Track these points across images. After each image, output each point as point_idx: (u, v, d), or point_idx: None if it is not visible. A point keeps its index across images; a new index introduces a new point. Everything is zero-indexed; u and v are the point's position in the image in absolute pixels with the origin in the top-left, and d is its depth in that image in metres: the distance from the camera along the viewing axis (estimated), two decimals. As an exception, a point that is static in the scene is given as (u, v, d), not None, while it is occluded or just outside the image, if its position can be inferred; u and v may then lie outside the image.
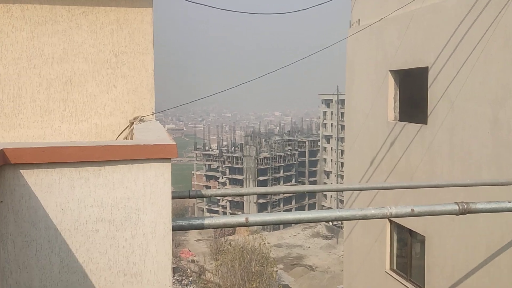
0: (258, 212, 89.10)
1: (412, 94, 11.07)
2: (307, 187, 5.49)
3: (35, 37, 5.13)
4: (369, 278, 12.15)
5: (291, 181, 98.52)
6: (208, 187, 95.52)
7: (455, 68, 8.93)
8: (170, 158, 3.10)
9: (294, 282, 53.74)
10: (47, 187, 2.96)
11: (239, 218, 3.57)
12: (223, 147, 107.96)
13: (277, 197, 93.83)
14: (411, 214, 3.91)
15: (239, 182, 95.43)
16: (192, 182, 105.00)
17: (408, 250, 10.69)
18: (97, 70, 5.22)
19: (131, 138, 4.66)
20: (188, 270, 58.22)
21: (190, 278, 55.30)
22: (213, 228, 3.59)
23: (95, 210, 3.02)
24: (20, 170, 2.91)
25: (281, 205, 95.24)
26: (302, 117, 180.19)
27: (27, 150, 2.94)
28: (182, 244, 70.78)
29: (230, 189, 5.14)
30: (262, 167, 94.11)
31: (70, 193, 2.97)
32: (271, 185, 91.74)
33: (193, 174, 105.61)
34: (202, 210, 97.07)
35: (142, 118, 4.93)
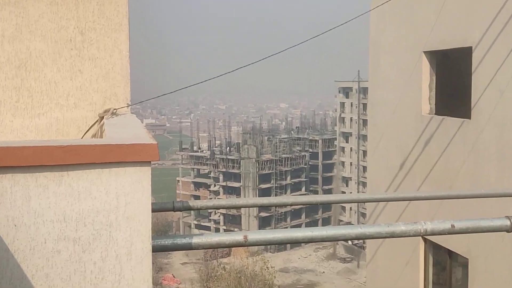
0: (259, 228, 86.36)
1: (452, 81, 10.94)
2: (321, 197, 5.39)
3: (-20, 10, 5.58)
4: (398, 311, 13.26)
5: (300, 190, 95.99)
6: (197, 198, 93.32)
7: (505, 49, 8.70)
8: (150, 161, 3.08)
9: (304, 316, 55.80)
10: (-5, 197, 3.22)
11: (236, 236, 3.54)
12: (216, 147, 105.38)
13: (283, 209, 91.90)
14: (451, 231, 3.86)
15: (235, 191, 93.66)
16: (177, 191, 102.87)
17: (447, 275, 10.43)
18: (58, 51, 5.08)
19: (101, 136, 4.63)
20: (172, 301, 60.95)
21: (175, 311, 58.01)
22: (203, 248, 3.56)
23: (56, 226, 2.96)
24: (-40, 177, 3.17)
25: (288, 219, 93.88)
26: (314, 109, 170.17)
27: (-31, 152, 3.17)
28: (165, 269, 70.68)
29: (224, 200, 5.16)
30: (264, 172, 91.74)
31: (24, 204, 2.92)
32: (276, 195, 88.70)
33: (178, 181, 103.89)
34: (190, 226, 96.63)
35: (114, 111, 4.87)
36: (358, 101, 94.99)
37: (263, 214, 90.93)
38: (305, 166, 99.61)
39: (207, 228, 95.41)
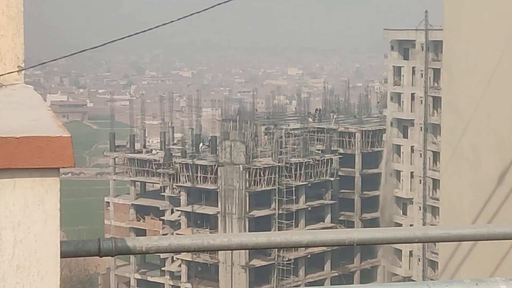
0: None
1: None
2: (359, 233, 4.69)
3: None
4: None
5: (323, 220, 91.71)
6: (142, 233, 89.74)
7: None
8: (59, 169, 2.88)
9: None
10: None
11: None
12: (174, 143, 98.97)
13: (293, 254, 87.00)
14: None
15: (209, 221, 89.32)
16: (107, 221, 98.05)
17: None
18: None
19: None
20: None
21: None
22: None
23: None
24: None
25: (301, 272, 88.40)
26: (347, 79, 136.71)
27: None
28: None
29: (189, 237, 4.53)
30: (259, 188, 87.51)
31: None
32: (280, 228, 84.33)
33: (109, 203, 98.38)
34: (128, 284, 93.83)
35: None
36: (426, 65, 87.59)
37: (257, 262, 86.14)
38: (332, 179, 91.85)
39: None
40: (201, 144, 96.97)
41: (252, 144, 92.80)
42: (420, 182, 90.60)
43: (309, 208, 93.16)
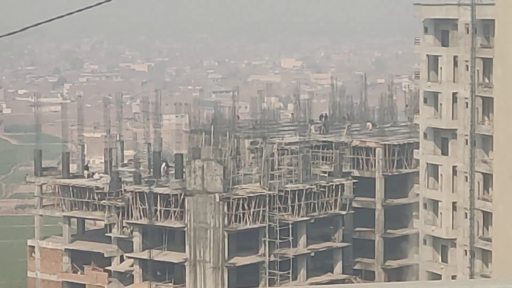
0: None
1: None
2: None
3: None
4: None
5: (331, 270, 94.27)
6: None
7: None
8: None
9: None
10: None
11: None
12: (125, 164, 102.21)
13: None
14: None
15: (173, 273, 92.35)
16: (30, 273, 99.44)
17: None
18: None
19: None
20: None
21: None
22: None
23: None
24: None
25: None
26: (363, 74, 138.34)
27: None
28: None
29: None
30: (242, 227, 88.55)
31: None
32: (270, 282, 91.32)
33: (34, 248, 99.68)
34: None
35: None
36: (472, 53, 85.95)
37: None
38: (343, 213, 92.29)
39: None
40: (165, 165, 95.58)
41: (233, 165, 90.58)
42: (466, 217, 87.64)
43: (312, 254, 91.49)
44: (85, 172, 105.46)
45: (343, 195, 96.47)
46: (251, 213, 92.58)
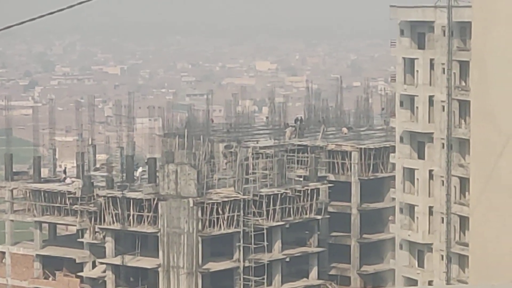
0: None
1: None
2: None
3: None
4: None
5: (306, 276, 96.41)
6: None
7: None
8: None
9: None
10: None
11: None
12: (97, 169, 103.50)
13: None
14: None
15: (146, 278, 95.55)
16: (1, 279, 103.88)
17: None
18: None
19: None
20: None
21: None
22: None
23: None
24: None
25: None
26: (339, 76, 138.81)
27: None
28: None
29: None
30: (216, 232, 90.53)
31: None
32: (247, 286, 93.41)
33: (4, 253, 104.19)
34: None
35: None
36: (449, 56, 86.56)
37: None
38: (319, 217, 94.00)
39: None
40: (140, 169, 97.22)
41: (207, 169, 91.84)
42: (443, 221, 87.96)
43: (288, 259, 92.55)
44: (63, 175, 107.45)
45: (319, 200, 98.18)
46: (226, 218, 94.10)
